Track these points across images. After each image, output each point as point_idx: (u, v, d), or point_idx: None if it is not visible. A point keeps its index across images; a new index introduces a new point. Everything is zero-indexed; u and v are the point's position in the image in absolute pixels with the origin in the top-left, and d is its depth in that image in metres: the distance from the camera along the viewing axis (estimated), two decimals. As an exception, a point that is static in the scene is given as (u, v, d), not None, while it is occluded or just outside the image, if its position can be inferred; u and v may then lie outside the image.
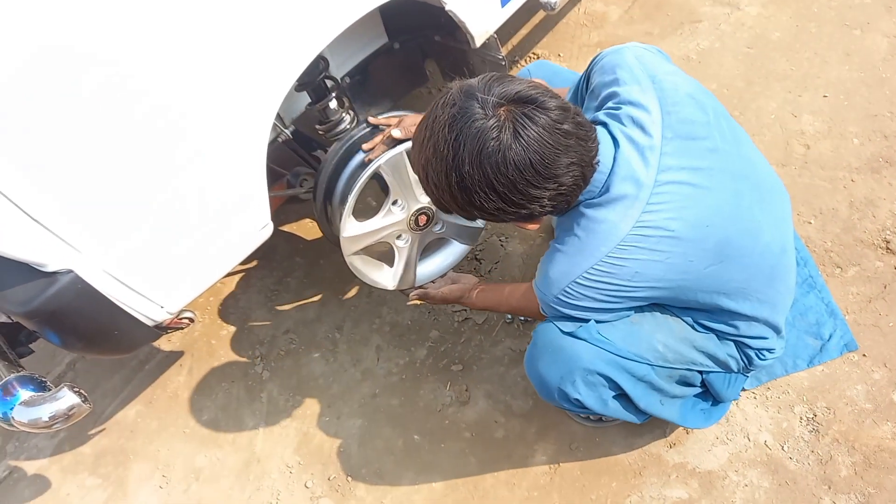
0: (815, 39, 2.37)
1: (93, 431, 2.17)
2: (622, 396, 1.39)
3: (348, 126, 1.86)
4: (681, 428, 1.71)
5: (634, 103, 1.18)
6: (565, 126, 1.06)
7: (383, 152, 1.65)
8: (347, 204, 1.69)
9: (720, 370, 1.44)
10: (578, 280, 1.18)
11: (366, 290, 2.24)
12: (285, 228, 2.45)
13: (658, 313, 1.33)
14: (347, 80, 2.01)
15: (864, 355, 1.70)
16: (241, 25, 1.34)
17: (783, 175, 2.06)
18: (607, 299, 1.20)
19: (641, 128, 1.15)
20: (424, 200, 1.77)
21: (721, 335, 1.38)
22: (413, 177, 1.67)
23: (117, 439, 2.13)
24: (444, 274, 1.91)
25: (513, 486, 1.75)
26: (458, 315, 2.11)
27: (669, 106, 1.18)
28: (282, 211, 2.44)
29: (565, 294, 1.21)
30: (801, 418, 1.65)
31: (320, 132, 1.90)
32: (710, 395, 1.54)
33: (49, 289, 1.32)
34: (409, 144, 1.61)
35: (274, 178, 1.67)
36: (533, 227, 1.21)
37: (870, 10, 2.42)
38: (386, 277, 1.91)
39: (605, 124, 1.19)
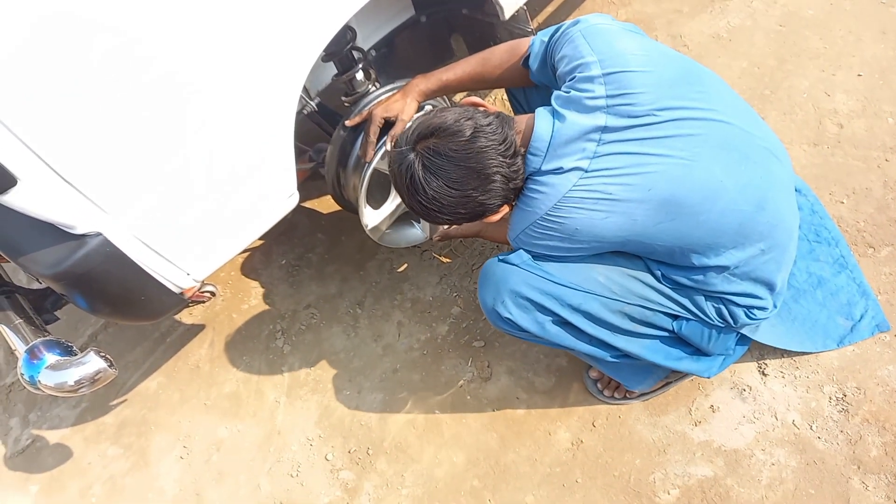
0: (849, 17, 2.32)
1: (115, 402, 2.18)
2: (569, 324, 1.45)
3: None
4: (707, 406, 1.69)
5: (580, 80, 1.30)
6: (479, 142, 1.26)
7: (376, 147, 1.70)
8: (361, 195, 1.76)
9: (691, 317, 1.46)
10: (527, 231, 1.35)
11: (387, 267, 2.24)
12: (307, 205, 2.44)
13: (617, 257, 1.41)
14: (373, 52, 2.00)
15: (895, 336, 1.67)
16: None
17: (816, 154, 2.03)
18: (558, 246, 1.35)
19: (582, 104, 1.27)
20: None
21: (692, 289, 1.42)
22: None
23: (139, 410, 2.14)
24: None
25: (535, 462, 1.74)
26: (480, 292, 2.09)
27: (614, 79, 1.26)
28: (303, 188, 2.40)
29: (520, 241, 1.39)
30: (830, 398, 1.63)
31: (346, 104, 1.88)
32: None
33: (78, 251, 1.32)
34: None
35: (297, 153, 1.69)
36: (495, 217, 1.38)
37: (906, -12, 2.36)
38: (417, 234, 2.00)
39: (551, 104, 1.33)
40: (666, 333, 1.50)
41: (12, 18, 1.05)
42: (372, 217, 1.87)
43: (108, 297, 1.44)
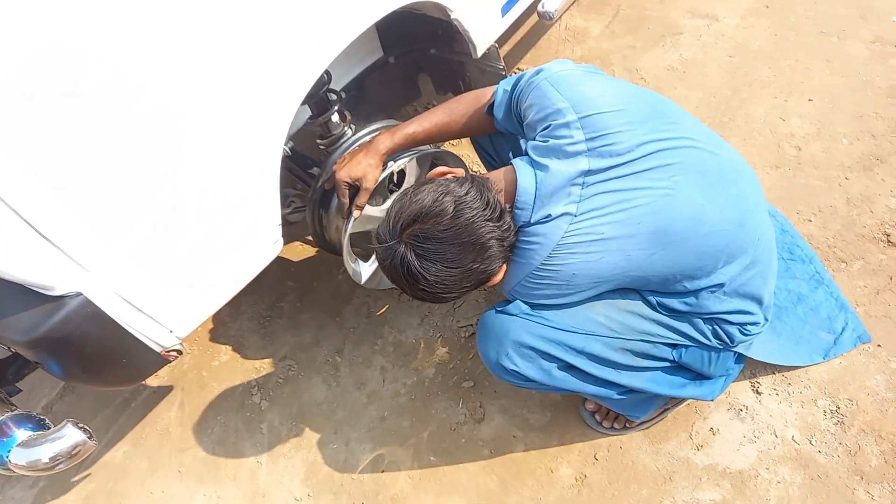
0: (795, 48, 2.45)
1: (77, 477, 2.01)
2: (574, 368, 1.43)
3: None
4: (707, 430, 1.69)
5: (555, 127, 1.30)
6: (464, 215, 1.22)
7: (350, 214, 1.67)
8: (345, 238, 1.71)
9: (691, 344, 1.47)
10: (524, 283, 1.33)
11: (365, 311, 2.17)
12: (275, 252, 2.36)
13: (612, 293, 1.41)
14: (343, 94, 1.98)
15: (878, 345, 1.72)
16: (258, 40, 1.29)
17: (779, 177, 2.11)
18: (555, 294, 1.34)
19: (562, 151, 1.28)
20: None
21: (689, 314, 1.43)
22: (380, 209, 1.74)
23: (104, 483, 1.98)
24: None
25: (539, 501, 1.69)
26: (463, 331, 2.06)
27: (590, 122, 1.27)
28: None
29: (516, 293, 1.37)
30: (824, 411, 1.66)
31: (321, 146, 1.85)
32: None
33: (56, 314, 1.22)
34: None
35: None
36: (497, 278, 1.34)
37: (844, 20, 2.52)
38: None
39: (528, 154, 1.33)
40: (667, 363, 1.50)
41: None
42: (366, 270, 1.83)
43: (86, 362, 1.33)
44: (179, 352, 1.63)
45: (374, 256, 1.82)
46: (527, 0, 1.96)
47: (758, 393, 1.72)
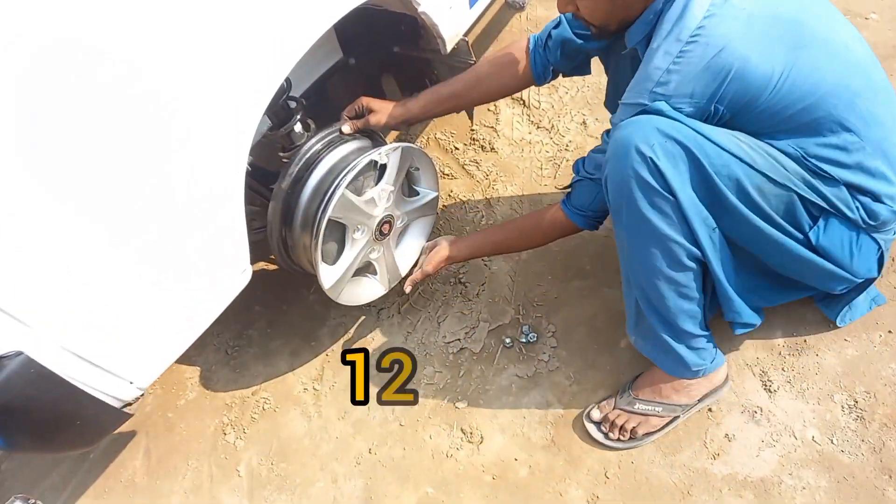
0: None
1: (35, 543, 1.81)
2: (710, 191, 1.30)
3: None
4: (722, 436, 1.58)
5: None
6: None
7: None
8: (317, 252, 1.59)
9: (834, 213, 1.34)
10: (671, 67, 1.22)
11: (342, 332, 2.02)
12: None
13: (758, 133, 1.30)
14: (303, 101, 1.81)
15: (889, 332, 1.65)
16: (218, 44, 1.13)
17: None
18: (701, 92, 1.23)
19: None
20: (378, 213, 1.70)
21: (835, 180, 1.31)
22: (361, 201, 1.64)
23: (67, 547, 1.78)
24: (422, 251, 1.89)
25: (550, 529, 1.57)
26: (451, 347, 1.92)
27: None
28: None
29: (656, 94, 1.25)
30: (842, 407, 1.57)
31: (284, 159, 1.68)
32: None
33: (-8, 378, 1.04)
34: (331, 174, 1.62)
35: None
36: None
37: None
38: (376, 288, 1.86)
39: None
40: (799, 242, 1.36)
41: None
42: (330, 274, 1.66)
43: (34, 430, 1.15)
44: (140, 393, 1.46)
45: (343, 258, 1.70)
46: (493, -10, 1.83)
47: (770, 391, 1.62)
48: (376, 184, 1.67)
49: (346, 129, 1.70)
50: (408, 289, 1.80)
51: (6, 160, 0.93)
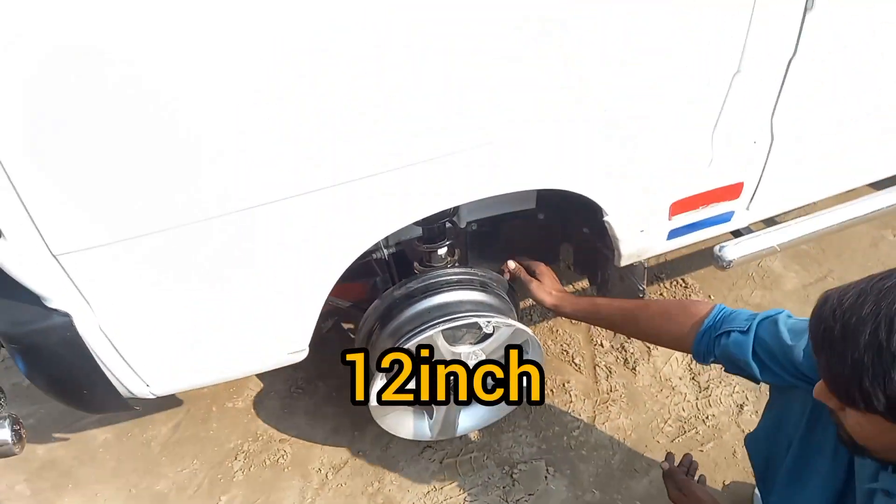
0: None
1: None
2: None
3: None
4: None
5: None
6: None
7: None
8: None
9: None
10: None
11: (383, 442, 1.95)
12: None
13: None
14: (473, 226, 1.81)
15: None
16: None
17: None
18: None
19: None
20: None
21: None
22: (448, 350, 1.59)
23: (68, 462, 1.93)
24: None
25: None
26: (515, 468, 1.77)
27: None
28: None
29: None
30: None
31: (416, 270, 1.69)
32: None
33: (38, 322, 1.15)
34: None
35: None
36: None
37: None
38: (423, 430, 1.81)
39: None
40: None
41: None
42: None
43: (49, 377, 1.26)
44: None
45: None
46: (703, 235, 1.68)
47: None
48: (475, 343, 1.60)
49: (511, 264, 1.72)
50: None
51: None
